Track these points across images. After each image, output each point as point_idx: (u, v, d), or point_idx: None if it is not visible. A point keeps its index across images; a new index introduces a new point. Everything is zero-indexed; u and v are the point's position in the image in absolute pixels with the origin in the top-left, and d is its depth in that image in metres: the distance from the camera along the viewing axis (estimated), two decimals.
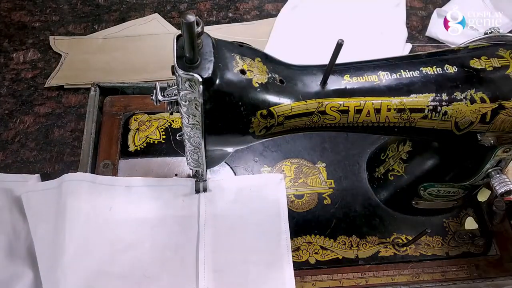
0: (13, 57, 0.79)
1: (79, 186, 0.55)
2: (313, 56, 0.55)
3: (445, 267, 0.56)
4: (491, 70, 0.41)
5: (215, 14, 0.90)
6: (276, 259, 0.53)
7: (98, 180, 0.56)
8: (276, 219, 0.56)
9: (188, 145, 0.43)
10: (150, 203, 0.56)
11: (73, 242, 0.51)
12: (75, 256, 0.51)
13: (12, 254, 0.55)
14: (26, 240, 0.56)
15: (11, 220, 0.56)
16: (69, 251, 0.51)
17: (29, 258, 0.54)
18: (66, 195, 0.53)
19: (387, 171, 0.59)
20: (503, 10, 0.84)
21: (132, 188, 0.57)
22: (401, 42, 0.84)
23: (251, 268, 0.53)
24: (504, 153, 0.46)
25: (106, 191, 0.56)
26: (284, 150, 0.65)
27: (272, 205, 0.57)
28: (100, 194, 0.55)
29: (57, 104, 0.73)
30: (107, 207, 0.55)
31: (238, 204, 0.57)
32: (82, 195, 0.54)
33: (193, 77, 0.33)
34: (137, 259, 0.53)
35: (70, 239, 0.51)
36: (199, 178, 0.56)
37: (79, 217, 0.53)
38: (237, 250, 0.54)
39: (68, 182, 0.54)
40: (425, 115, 0.42)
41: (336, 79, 0.41)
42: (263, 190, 0.59)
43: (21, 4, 0.88)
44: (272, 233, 0.55)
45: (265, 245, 0.54)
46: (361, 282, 0.55)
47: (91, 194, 0.55)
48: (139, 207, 0.56)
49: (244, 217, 0.56)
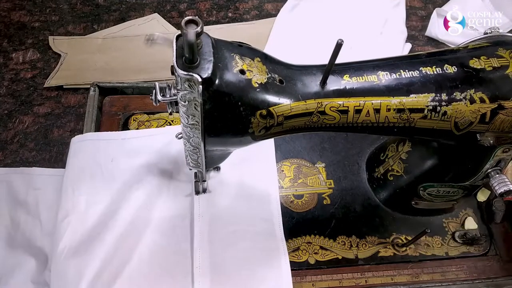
0: (13, 57, 0.79)
1: (84, 145, 0.61)
2: (312, 56, 0.55)
3: (444, 267, 0.56)
4: (491, 70, 0.41)
5: (214, 14, 0.90)
6: (272, 247, 0.55)
7: (100, 137, 0.63)
8: (267, 206, 0.58)
9: (188, 145, 0.43)
10: (145, 150, 0.62)
11: (83, 196, 0.56)
12: (87, 206, 0.55)
13: (12, 244, 0.56)
14: (25, 230, 0.58)
15: (8, 212, 0.59)
16: (80, 203, 0.55)
17: (29, 247, 0.56)
18: (74, 156, 0.60)
19: (387, 171, 0.59)
20: (503, 10, 0.84)
21: (127, 140, 0.63)
22: (401, 42, 0.84)
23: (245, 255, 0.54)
24: (503, 153, 0.46)
25: (106, 145, 0.61)
26: (283, 150, 0.65)
27: (263, 190, 0.60)
28: (100, 149, 0.61)
29: (56, 104, 0.73)
30: (109, 159, 0.60)
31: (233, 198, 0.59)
32: (86, 154, 0.60)
33: (192, 77, 0.33)
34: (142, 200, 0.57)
35: (79, 193, 0.56)
36: (199, 178, 0.56)
37: (85, 173, 0.58)
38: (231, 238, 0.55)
39: (76, 144, 0.61)
40: (425, 115, 0.42)
41: (335, 79, 0.41)
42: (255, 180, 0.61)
43: (21, 4, 0.88)
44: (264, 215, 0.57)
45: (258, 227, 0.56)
46: (361, 282, 0.55)
47: (94, 151, 0.61)
48: (137, 155, 0.61)
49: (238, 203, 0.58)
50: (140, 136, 0.64)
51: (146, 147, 0.62)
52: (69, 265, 0.51)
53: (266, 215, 0.57)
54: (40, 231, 0.58)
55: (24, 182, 0.62)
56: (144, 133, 0.64)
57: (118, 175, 0.59)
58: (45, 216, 0.59)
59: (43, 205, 0.60)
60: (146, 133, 0.64)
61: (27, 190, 0.61)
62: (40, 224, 0.58)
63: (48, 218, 0.58)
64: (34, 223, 0.58)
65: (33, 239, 0.57)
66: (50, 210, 0.59)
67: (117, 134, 0.64)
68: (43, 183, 0.62)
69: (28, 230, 0.58)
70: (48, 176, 0.63)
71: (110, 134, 0.64)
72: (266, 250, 0.54)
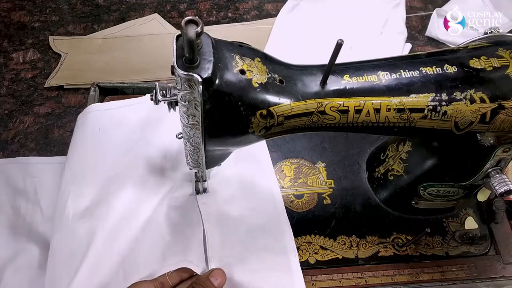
0: (13, 57, 0.79)
1: (83, 117, 0.64)
2: (312, 56, 0.55)
3: (445, 267, 0.56)
4: (491, 70, 0.41)
5: (214, 14, 0.90)
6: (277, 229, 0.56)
7: (87, 110, 0.64)
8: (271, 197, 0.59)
9: (188, 145, 0.43)
10: (130, 117, 0.64)
11: (80, 165, 0.59)
12: (83, 174, 0.58)
13: (15, 231, 0.58)
14: (26, 217, 0.59)
15: (8, 200, 0.60)
16: (77, 173, 0.58)
17: (31, 232, 0.57)
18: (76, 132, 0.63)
19: (387, 171, 0.59)
20: (503, 10, 0.84)
21: (111, 110, 0.65)
22: (401, 42, 0.84)
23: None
24: (503, 153, 0.46)
25: (93, 117, 0.63)
26: (283, 150, 0.65)
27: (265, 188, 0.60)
28: (87, 121, 0.63)
29: (56, 104, 0.73)
30: (96, 129, 0.62)
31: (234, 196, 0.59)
32: (77, 128, 0.63)
33: (192, 77, 0.33)
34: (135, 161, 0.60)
35: (81, 165, 0.59)
36: (199, 178, 0.57)
37: (76, 146, 0.61)
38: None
39: (79, 120, 0.64)
40: (425, 115, 0.42)
41: (335, 79, 0.41)
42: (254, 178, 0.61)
43: (21, 4, 0.88)
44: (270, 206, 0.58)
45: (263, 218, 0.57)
46: (361, 282, 0.55)
47: (82, 124, 0.63)
48: (121, 123, 0.63)
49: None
50: (122, 106, 0.66)
51: (129, 116, 0.64)
52: (78, 227, 0.53)
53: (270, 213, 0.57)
54: (41, 217, 0.59)
55: (21, 171, 0.63)
56: (125, 103, 0.66)
57: (108, 143, 0.61)
58: (45, 203, 0.60)
59: (42, 192, 0.61)
60: (127, 103, 0.66)
61: (25, 179, 0.62)
62: (41, 210, 0.60)
63: (48, 204, 0.60)
64: (34, 210, 0.60)
65: (35, 225, 0.58)
66: (49, 196, 0.60)
67: (101, 105, 0.67)
68: (40, 171, 0.63)
69: (29, 216, 0.59)
70: (45, 164, 0.64)
71: (95, 106, 0.66)
72: (273, 249, 0.54)
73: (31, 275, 0.54)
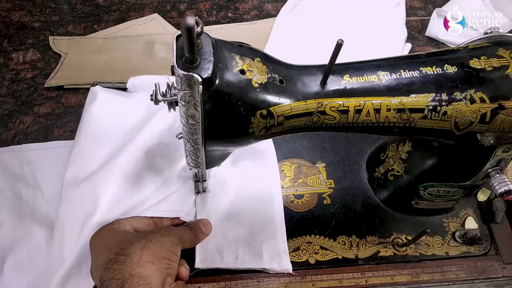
0: (13, 57, 0.79)
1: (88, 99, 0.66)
2: (312, 56, 0.55)
3: (445, 267, 0.56)
4: (491, 70, 0.41)
5: (214, 14, 0.90)
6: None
7: (97, 88, 0.66)
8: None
9: (188, 146, 0.43)
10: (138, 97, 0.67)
11: (88, 141, 0.61)
12: (91, 149, 0.60)
13: (19, 214, 0.59)
14: (28, 200, 0.60)
15: (9, 186, 0.61)
16: (85, 148, 0.60)
17: (35, 214, 0.59)
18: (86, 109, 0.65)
19: (387, 171, 0.59)
20: (503, 10, 0.84)
21: (120, 93, 0.67)
22: (401, 42, 0.83)
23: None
24: (504, 153, 0.46)
25: (101, 95, 0.65)
26: (283, 150, 0.65)
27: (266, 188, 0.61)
28: (96, 98, 0.65)
29: (56, 104, 0.73)
30: (103, 106, 0.64)
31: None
32: (87, 106, 0.65)
33: (192, 77, 0.33)
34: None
35: (84, 140, 0.61)
36: (199, 178, 0.57)
37: (83, 123, 0.63)
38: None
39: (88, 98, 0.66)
40: (425, 115, 0.42)
41: (335, 79, 0.41)
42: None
43: (21, 4, 0.88)
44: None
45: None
46: (361, 282, 0.55)
47: (92, 101, 0.65)
48: (128, 101, 0.66)
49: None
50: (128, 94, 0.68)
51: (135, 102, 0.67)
52: (82, 190, 0.55)
53: (268, 215, 0.57)
54: (43, 199, 0.60)
55: (17, 158, 0.64)
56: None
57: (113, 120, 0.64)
58: (44, 186, 0.61)
59: (41, 176, 0.62)
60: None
61: (22, 165, 0.64)
62: (42, 193, 0.61)
63: (47, 187, 0.61)
64: (35, 193, 0.61)
65: (38, 207, 0.60)
66: (48, 180, 0.62)
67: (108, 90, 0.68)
68: (35, 157, 0.65)
69: (31, 200, 0.61)
70: (39, 150, 0.66)
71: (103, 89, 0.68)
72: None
73: (41, 254, 0.56)
